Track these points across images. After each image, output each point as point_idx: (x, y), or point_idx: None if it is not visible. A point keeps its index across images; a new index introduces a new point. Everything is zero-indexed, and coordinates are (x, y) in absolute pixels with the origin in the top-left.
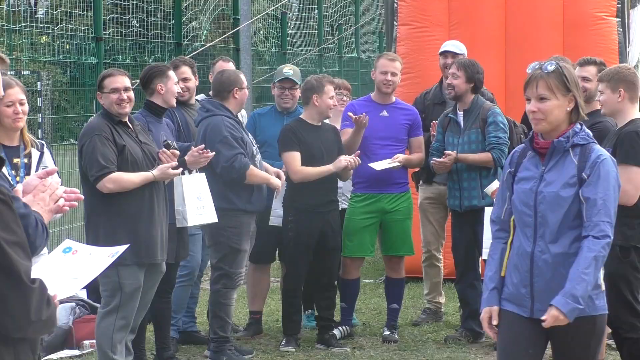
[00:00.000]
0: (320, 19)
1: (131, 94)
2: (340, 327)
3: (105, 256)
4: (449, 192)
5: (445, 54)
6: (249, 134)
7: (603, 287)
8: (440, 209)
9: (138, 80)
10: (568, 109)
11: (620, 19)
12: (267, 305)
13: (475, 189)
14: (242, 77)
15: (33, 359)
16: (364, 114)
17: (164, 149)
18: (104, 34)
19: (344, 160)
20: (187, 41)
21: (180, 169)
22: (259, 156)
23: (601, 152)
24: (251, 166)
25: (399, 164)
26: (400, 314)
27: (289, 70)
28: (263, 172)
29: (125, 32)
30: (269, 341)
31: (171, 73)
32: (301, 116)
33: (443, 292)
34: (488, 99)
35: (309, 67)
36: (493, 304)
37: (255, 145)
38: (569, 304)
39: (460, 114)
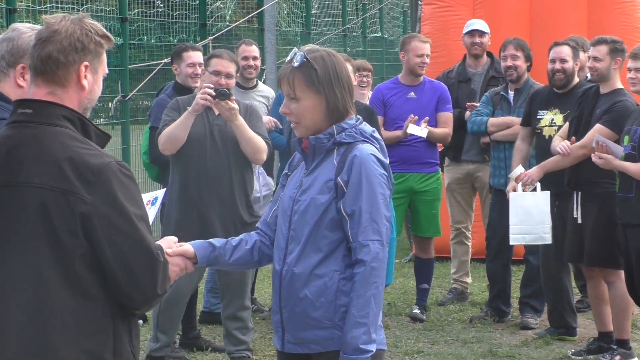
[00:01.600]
0: None
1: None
2: None
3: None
4: (492, 170)
5: (472, 32)
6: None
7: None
8: (469, 189)
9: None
10: (325, 109)
11: None
12: None
13: None
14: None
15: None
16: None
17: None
18: (129, 14)
19: None
20: (212, 21)
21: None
22: None
23: (361, 150)
24: None
25: (427, 129)
26: None
27: None
28: None
29: (150, 13)
30: None
31: (186, 55)
32: None
33: (469, 272)
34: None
35: (334, 46)
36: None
37: None
38: None
39: (512, 92)
